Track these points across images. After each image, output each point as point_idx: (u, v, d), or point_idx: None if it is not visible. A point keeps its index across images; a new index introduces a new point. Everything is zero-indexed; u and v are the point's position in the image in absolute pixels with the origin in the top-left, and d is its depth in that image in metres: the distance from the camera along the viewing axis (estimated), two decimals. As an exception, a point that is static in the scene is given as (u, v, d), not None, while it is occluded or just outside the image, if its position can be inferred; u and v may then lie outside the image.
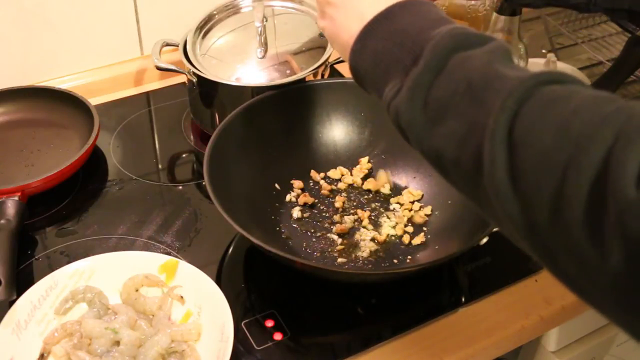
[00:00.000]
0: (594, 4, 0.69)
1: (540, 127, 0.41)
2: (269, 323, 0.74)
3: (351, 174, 0.92)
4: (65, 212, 0.90)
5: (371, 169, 0.93)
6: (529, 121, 0.42)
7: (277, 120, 0.90)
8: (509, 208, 0.42)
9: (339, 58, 1.01)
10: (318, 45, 1.01)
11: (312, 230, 0.85)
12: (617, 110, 0.39)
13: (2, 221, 0.81)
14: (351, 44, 0.57)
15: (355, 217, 0.87)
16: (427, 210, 0.87)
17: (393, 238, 0.85)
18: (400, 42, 0.53)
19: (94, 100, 1.04)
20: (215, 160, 0.79)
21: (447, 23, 0.53)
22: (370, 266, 0.81)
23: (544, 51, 1.11)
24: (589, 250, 0.38)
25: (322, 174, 0.92)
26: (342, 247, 0.83)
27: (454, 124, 0.47)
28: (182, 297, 0.74)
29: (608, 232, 0.36)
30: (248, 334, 0.73)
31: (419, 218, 0.86)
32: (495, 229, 0.72)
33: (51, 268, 0.78)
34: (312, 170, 0.92)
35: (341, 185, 0.91)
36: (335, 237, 0.84)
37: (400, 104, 0.51)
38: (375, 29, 0.55)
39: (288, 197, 0.89)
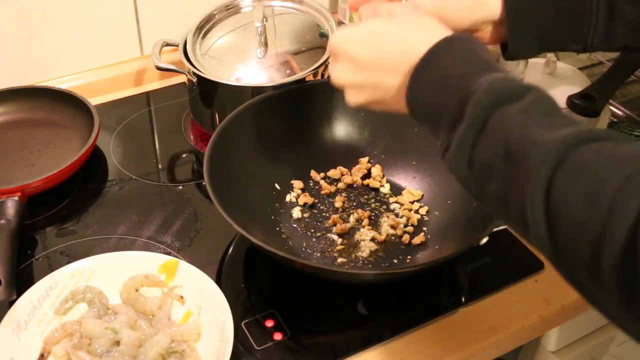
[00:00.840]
0: (590, 46, 0.70)
1: (573, 196, 0.44)
2: (269, 323, 0.74)
3: (351, 174, 0.92)
4: (65, 212, 0.90)
5: (370, 169, 0.93)
6: (563, 190, 0.45)
7: (277, 120, 0.90)
8: (554, 263, 0.47)
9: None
10: (318, 45, 1.01)
11: (312, 230, 0.85)
12: None
13: (2, 221, 0.81)
14: (403, 98, 0.59)
15: (356, 216, 0.87)
16: (427, 210, 0.87)
17: (393, 238, 0.85)
18: (446, 92, 0.55)
19: (94, 100, 1.04)
20: (215, 160, 0.79)
21: (486, 67, 0.55)
22: (370, 266, 0.81)
23: (544, 51, 1.11)
24: (626, 311, 0.43)
25: (322, 174, 0.92)
26: (342, 247, 0.83)
27: (498, 185, 0.50)
28: (182, 297, 0.74)
29: None
30: (248, 334, 0.73)
31: (418, 218, 0.86)
32: (495, 229, 0.72)
33: (51, 268, 0.78)
34: (312, 170, 0.92)
35: (341, 185, 0.91)
36: (335, 237, 0.84)
37: (450, 161, 0.54)
38: (422, 77, 0.57)
39: (288, 197, 0.89)
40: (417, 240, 0.83)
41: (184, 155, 1.02)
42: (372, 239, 0.84)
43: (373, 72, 0.61)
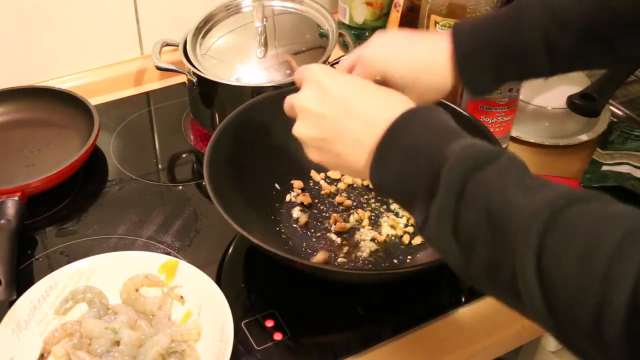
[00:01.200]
0: (543, 75, 0.73)
1: (565, 263, 0.43)
2: (269, 323, 0.74)
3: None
4: (65, 212, 0.90)
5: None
6: (553, 256, 0.43)
7: (277, 121, 0.89)
8: (552, 331, 0.45)
9: (338, 58, 1.01)
10: (318, 45, 1.01)
11: (312, 230, 0.85)
12: (634, 239, 0.41)
13: (2, 221, 0.81)
14: (367, 170, 0.57)
15: (356, 216, 0.87)
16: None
17: (393, 238, 0.85)
18: (415, 164, 0.53)
19: (94, 100, 1.04)
20: (215, 160, 0.79)
21: (454, 135, 0.54)
22: (370, 266, 0.81)
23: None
24: None
25: (322, 174, 0.92)
26: (342, 247, 0.83)
27: (485, 254, 0.48)
28: (182, 297, 0.74)
29: None
30: (248, 334, 0.73)
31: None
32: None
33: (51, 268, 0.78)
34: (312, 170, 0.92)
35: (341, 185, 0.91)
36: (335, 237, 0.84)
37: (432, 235, 0.52)
38: (387, 151, 0.55)
39: (288, 197, 0.89)
40: (417, 240, 0.83)
41: (184, 155, 1.02)
42: (372, 239, 0.84)
43: (334, 144, 0.60)
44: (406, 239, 0.84)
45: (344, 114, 0.59)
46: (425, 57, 0.70)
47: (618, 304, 0.40)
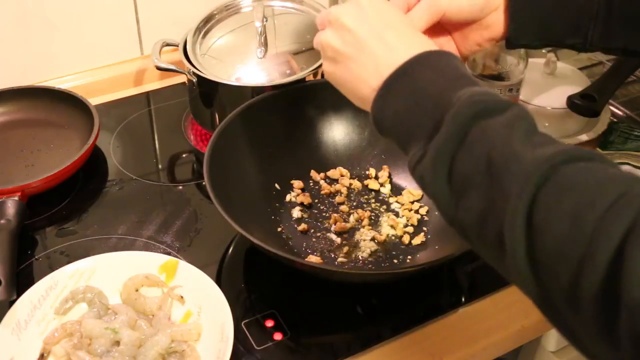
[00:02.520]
0: (590, 44, 0.71)
1: (556, 217, 0.42)
2: (269, 323, 0.74)
3: (352, 177, 0.92)
4: (65, 212, 0.90)
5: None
6: (546, 210, 0.43)
7: (277, 120, 0.90)
8: (530, 289, 0.45)
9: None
10: (318, 45, 1.00)
11: (312, 230, 0.85)
12: (628, 201, 0.40)
13: (2, 221, 0.81)
14: (372, 98, 0.57)
15: (356, 216, 0.87)
16: (427, 210, 0.87)
17: (393, 238, 0.85)
18: (422, 104, 0.53)
19: (94, 100, 1.04)
20: (215, 160, 0.79)
21: (466, 82, 0.53)
22: (370, 266, 0.81)
23: (544, 51, 1.11)
24: (603, 341, 0.40)
25: (322, 174, 0.92)
26: (342, 247, 0.83)
27: (477, 201, 0.48)
28: (182, 297, 0.74)
29: (621, 329, 0.38)
30: (248, 334, 0.73)
31: (418, 218, 0.86)
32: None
33: (51, 268, 0.78)
34: (312, 170, 0.92)
35: (340, 186, 0.91)
36: (335, 237, 0.84)
37: (424, 173, 0.52)
38: (395, 87, 0.55)
39: (288, 197, 0.89)
40: (417, 240, 0.83)
41: (184, 155, 1.02)
42: (372, 239, 0.84)
43: (351, 60, 0.60)
44: (406, 239, 0.84)
45: (372, 36, 0.59)
46: None
47: (600, 261, 0.39)
